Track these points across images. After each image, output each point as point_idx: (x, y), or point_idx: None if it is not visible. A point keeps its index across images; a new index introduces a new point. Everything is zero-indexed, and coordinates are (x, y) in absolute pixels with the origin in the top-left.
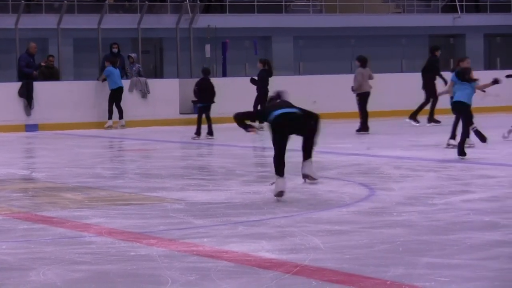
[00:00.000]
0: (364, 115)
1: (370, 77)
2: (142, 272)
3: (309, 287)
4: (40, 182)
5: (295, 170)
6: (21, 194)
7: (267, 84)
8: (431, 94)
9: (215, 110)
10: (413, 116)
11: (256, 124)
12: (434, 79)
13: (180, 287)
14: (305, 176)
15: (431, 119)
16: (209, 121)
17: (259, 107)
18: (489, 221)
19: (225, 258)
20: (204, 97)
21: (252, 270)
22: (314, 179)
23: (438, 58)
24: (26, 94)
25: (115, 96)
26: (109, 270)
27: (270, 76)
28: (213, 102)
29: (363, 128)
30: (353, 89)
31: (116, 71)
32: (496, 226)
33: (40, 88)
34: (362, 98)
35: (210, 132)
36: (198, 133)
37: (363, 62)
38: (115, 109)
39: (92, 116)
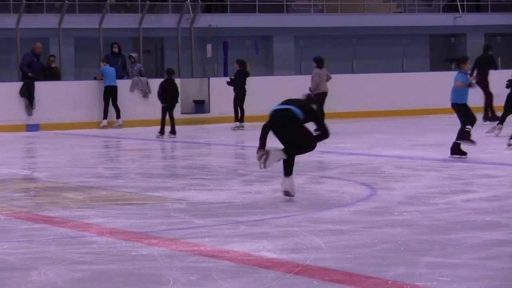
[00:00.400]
0: (321, 115)
1: (328, 78)
2: (143, 272)
3: (311, 286)
4: (41, 182)
5: (296, 170)
6: (22, 194)
7: (244, 84)
8: (486, 91)
9: (216, 110)
10: (490, 117)
11: (238, 123)
12: (487, 76)
13: (182, 286)
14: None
15: (487, 117)
16: (172, 120)
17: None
18: (490, 220)
19: (226, 257)
20: (167, 97)
21: (253, 270)
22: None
23: (492, 55)
24: (27, 94)
25: (109, 95)
26: (111, 270)
27: (247, 76)
28: (176, 102)
29: None
30: (310, 90)
31: (111, 70)
32: (497, 226)
33: (41, 88)
34: (320, 98)
35: (172, 131)
36: (161, 132)
37: (319, 63)
38: (111, 109)
39: (93, 116)
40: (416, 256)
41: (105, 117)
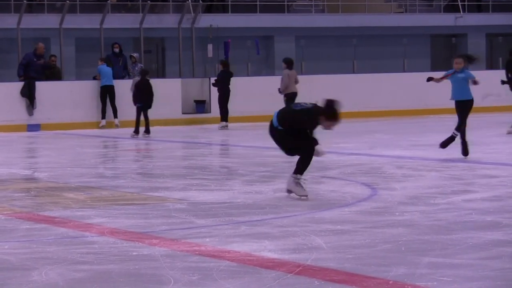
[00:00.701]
0: None
1: (296, 81)
2: (144, 272)
3: (312, 287)
4: (42, 182)
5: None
6: (23, 194)
7: (228, 83)
8: None
9: (217, 110)
10: None
11: (224, 123)
12: None
13: (182, 287)
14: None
15: None
16: (146, 119)
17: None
18: (491, 220)
19: (227, 258)
20: (141, 97)
21: (254, 270)
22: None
23: None
24: (28, 94)
25: (106, 95)
26: (111, 270)
27: (231, 76)
28: (151, 101)
29: None
30: (280, 91)
31: (108, 70)
32: (498, 226)
33: (42, 88)
34: (290, 98)
35: (147, 130)
36: (136, 131)
37: (289, 64)
38: (110, 109)
39: (93, 116)
40: (417, 256)
41: (103, 117)
